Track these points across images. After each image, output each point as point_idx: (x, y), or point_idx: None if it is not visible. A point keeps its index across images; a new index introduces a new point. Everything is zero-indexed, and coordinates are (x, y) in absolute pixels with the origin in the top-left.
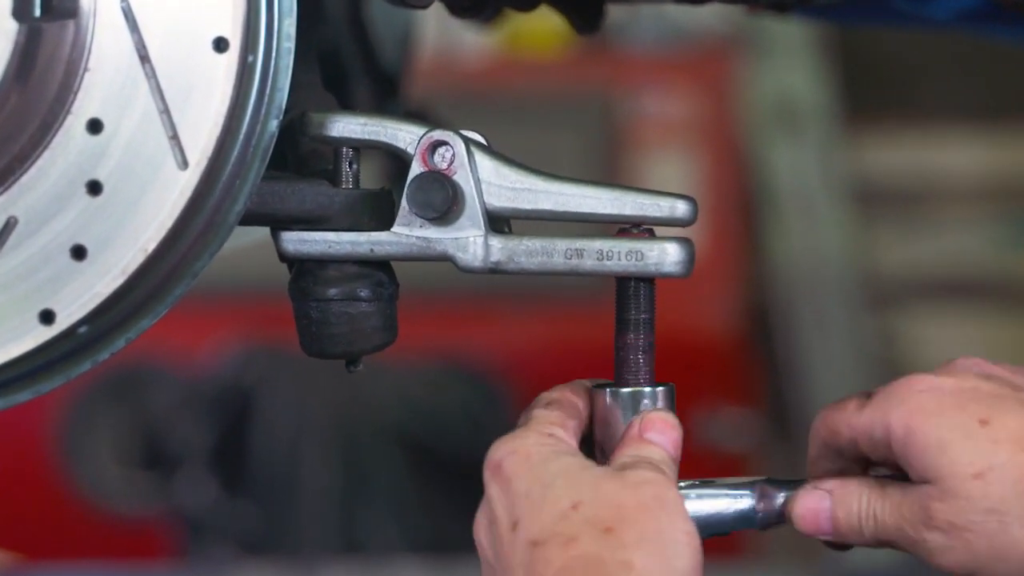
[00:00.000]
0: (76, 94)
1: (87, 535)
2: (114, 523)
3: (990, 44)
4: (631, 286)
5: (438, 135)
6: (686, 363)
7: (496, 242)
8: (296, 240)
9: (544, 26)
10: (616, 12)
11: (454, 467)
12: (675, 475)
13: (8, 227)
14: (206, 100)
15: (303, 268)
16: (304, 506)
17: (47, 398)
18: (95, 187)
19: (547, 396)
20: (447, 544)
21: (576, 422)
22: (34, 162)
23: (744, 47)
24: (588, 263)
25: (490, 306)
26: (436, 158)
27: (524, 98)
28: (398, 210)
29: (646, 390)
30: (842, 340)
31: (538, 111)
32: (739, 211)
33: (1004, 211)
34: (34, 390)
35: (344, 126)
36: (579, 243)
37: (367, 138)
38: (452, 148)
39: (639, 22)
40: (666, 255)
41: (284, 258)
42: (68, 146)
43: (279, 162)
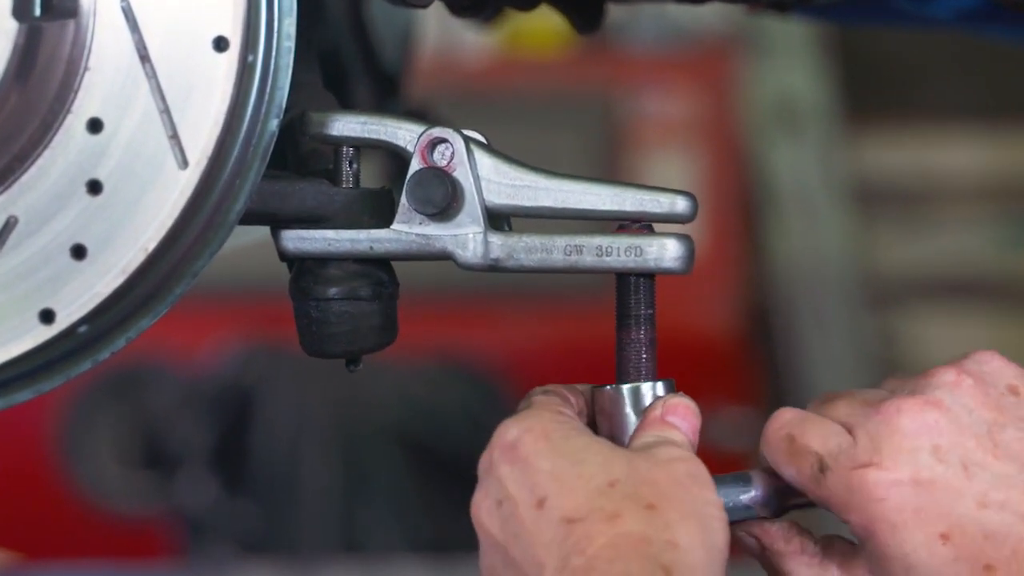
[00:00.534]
0: (76, 93)
1: (87, 534)
2: (114, 522)
3: (990, 44)
4: (631, 282)
5: (437, 132)
6: (686, 362)
7: (495, 239)
8: (296, 238)
9: (544, 25)
10: (616, 11)
11: (454, 466)
12: (693, 453)
13: (8, 226)
14: (206, 99)
15: (303, 267)
16: (304, 505)
17: (47, 397)
18: (95, 186)
19: (540, 388)
20: (447, 543)
21: (573, 410)
22: (34, 161)
23: (744, 47)
24: (587, 259)
25: (490, 305)
26: (436, 155)
27: (524, 98)
28: (398, 208)
29: (647, 385)
30: (842, 340)
31: (538, 111)
32: (739, 211)
33: (1004, 211)
34: (34, 389)
35: (344, 125)
36: (578, 240)
37: (367, 136)
38: (452, 145)
39: (639, 22)
40: (665, 251)
41: (284, 257)
42: (68, 145)
43: (279, 161)
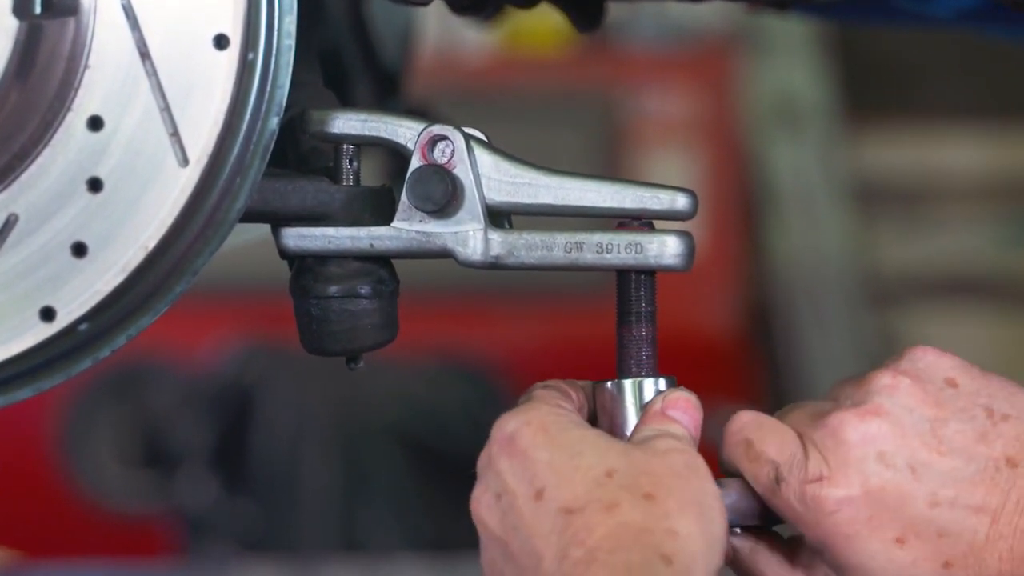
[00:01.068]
0: (77, 91)
1: (88, 533)
2: (114, 521)
3: (991, 43)
4: (631, 279)
5: (438, 130)
6: (686, 361)
7: (496, 236)
8: (296, 236)
9: (545, 24)
10: (617, 10)
11: (454, 465)
12: (694, 448)
13: (8, 224)
14: (207, 98)
15: (303, 265)
16: (304, 504)
17: (47, 396)
18: (96, 184)
19: (541, 383)
20: (447, 542)
21: (572, 405)
22: (34, 159)
23: (744, 45)
24: (588, 256)
25: (489, 304)
26: (436, 152)
27: (525, 96)
28: (398, 206)
29: (648, 381)
30: (842, 338)
31: (539, 109)
32: (739, 209)
33: (1004, 210)
34: (35, 387)
35: (344, 123)
36: (579, 236)
37: (367, 134)
38: (452, 143)
39: (640, 20)
40: (666, 247)
41: (284, 254)
42: (68, 143)
43: (280, 160)
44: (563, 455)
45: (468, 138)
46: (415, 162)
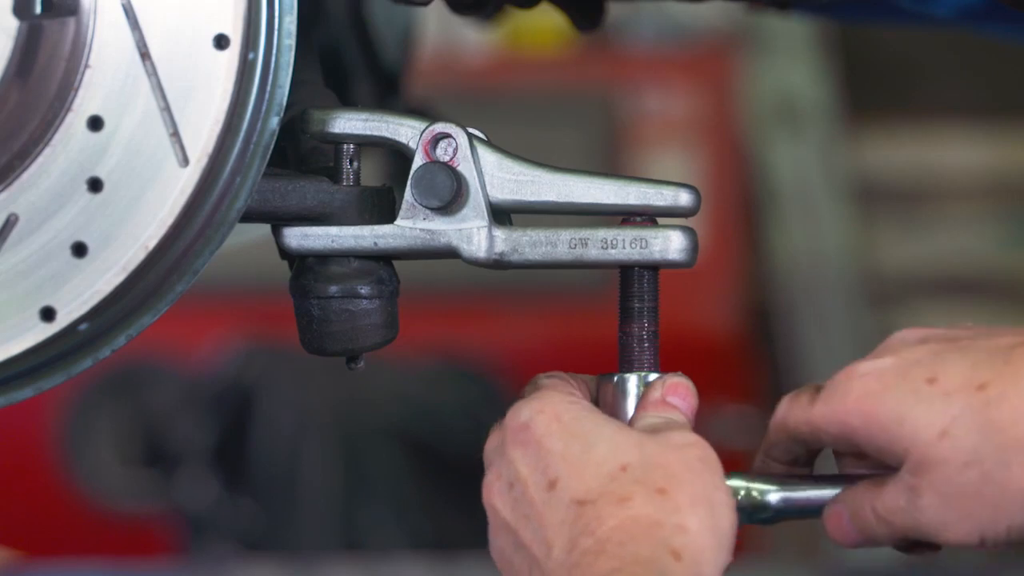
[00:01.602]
0: (77, 91)
1: (88, 533)
2: (115, 521)
3: (991, 42)
4: (635, 275)
5: (441, 128)
6: (687, 360)
7: (500, 233)
8: (299, 235)
9: (545, 23)
10: (617, 9)
11: (454, 465)
12: None
13: (9, 224)
14: (207, 97)
15: (304, 265)
16: (304, 504)
17: (48, 395)
18: (96, 184)
19: (544, 374)
20: (447, 541)
21: (585, 396)
22: (35, 159)
23: (745, 45)
24: (592, 252)
25: (489, 303)
26: (439, 150)
27: (525, 96)
28: (400, 206)
29: (651, 376)
30: (843, 338)
31: (539, 109)
32: (740, 209)
33: (1005, 209)
34: (35, 387)
35: (345, 122)
36: (583, 233)
37: (369, 134)
38: (455, 140)
39: (640, 19)
40: (670, 243)
41: (286, 254)
42: (69, 143)
43: (280, 159)
44: (577, 446)
45: (471, 136)
46: (418, 160)
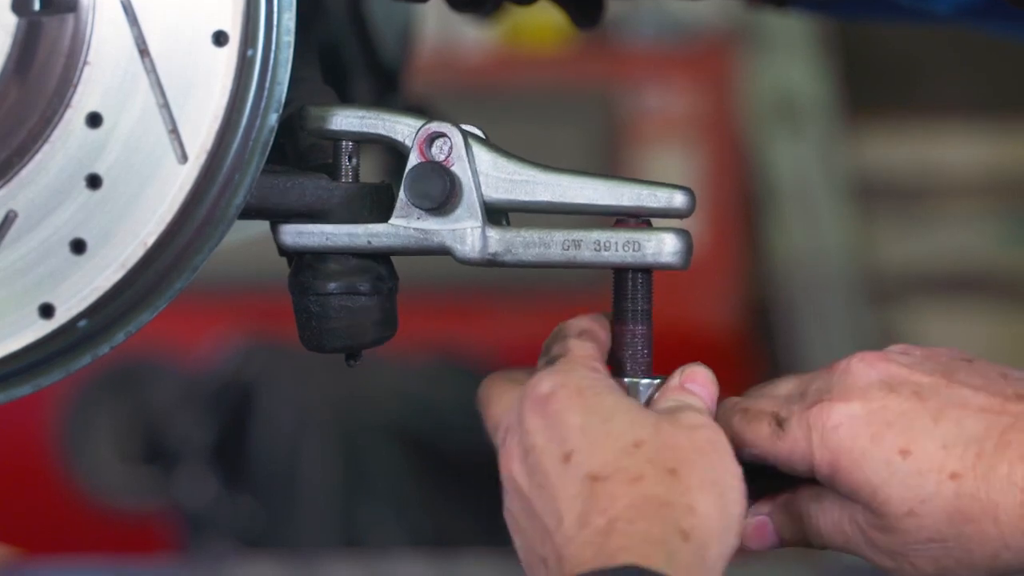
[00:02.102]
0: (76, 88)
1: (87, 530)
2: (114, 518)
3: (990, 39)
4: (628, 277)
5: (436, 127)
6: (686, 358)
7: (494, 233)
8: (294, 232)
9: (544, 21)
10: (616, 7)
11: (454, 462)
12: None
13: (8, 221)
14: (206, 94)
15: (302, 262)
16: (304, 501)
17: (47, 392)
18: (95, 181)
19: (576, 325)
20: (447, 539)
21: (604, 356)
22: (33, 156)
23: (744, 42)
24: (585, 254)
25: (488, 300)
26: (434, 150)
27: (524, 93)
28: (396, 203)
29: (643, 381)
30: (843, 336)
31: (538, 106)
32: (739, 207)
33: (1005, 207)
34: (34, 384)
35: (343, 120)
36: (576, 234)
37: (365, 131)
38: (450, 140)
39: (639, 17)
40: (663, 245)
41: (283, 251)
42: (68, 140)
43: (279, 156)
44: (595, 420)
45: (466, 135)
46: (413, 159)
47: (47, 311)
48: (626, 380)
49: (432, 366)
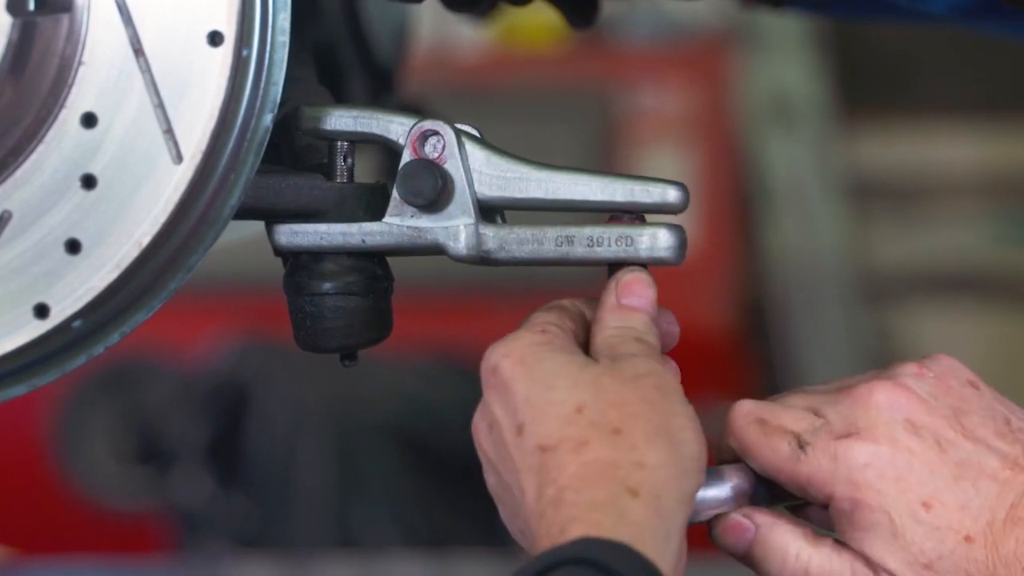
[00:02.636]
0: (70, 88)
1: (82, 530)
2: (109, 518)
3: (985, 39)
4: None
5: (428, 125)
6: (681, 358)
7: (487, 231)
8: (289, 232)
9: (539, 20)
10: (611, 6)
11: (449, 462)
12: (657, 338)
13: (2, 221)
14: (201, 94)
15: (297, 262)
16: (299, 501)
17: (42, 392)
18: (89, 181)
19: (553, 301)
20: (442, 539)
21: (574, 324)
22: (28, 156)
23: (739, 42)
24: (579, 250)
25: (484, 300)
26: (427, 147)
27: (519, 93)
28: (390, 201)
29: None
30: (838, 336)
31: (534, 106)
32: (734, 206)
33: (1000, 206)
34: (29, 384)
35: (337, 119)
36: (569, 230)
37: (360, 130)
38: (443, 138)
39: (634, 16)
40: (657, 240)
41: (278, 251)
42: (62, 140)
43: (274, 156)
44: (538, 389)
45: (459, 133)
46: (406, 157)
47: (42, 311)
48: None
49: (428, 366)
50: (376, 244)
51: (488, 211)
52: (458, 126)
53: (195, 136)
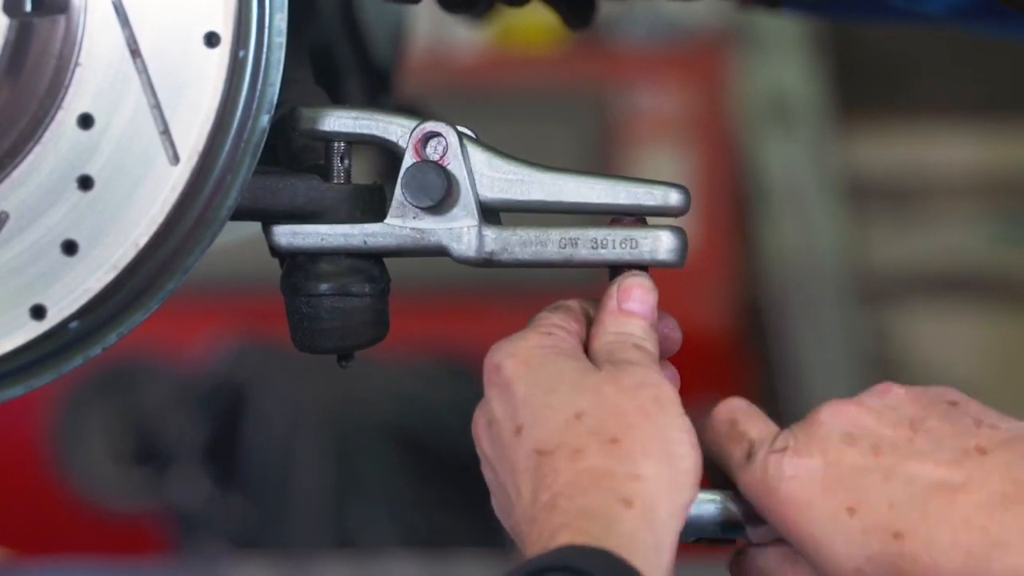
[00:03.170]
0: (67, 89)
1: (79, 531)
2: (106, 519)
3: (983, 40)
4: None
5: (431, 126)
6: (679, 359)
7: (490, 232)
8: (289, 233)
9: (536, 21)
10: (608, 7)
11: (447, 462)
12: (656, 344)
13: None
14: (197, 95)
15: (294, 263)
16: (297, 502)
17: (39, 393)
18: (86, 182)
19: (559, 302)
20: (440, 539)
21: (579, 326)
22: (25, 157)
23: (737, 43)
24: (582, 252)
25: (482, 300)
26: (429, 149)
27: (517, 94)
28: (390, 204)
29: None
30: (835, 337)
31: (531, 107)
32: (731, 206)
33: (997, 207)
34: (26, 385)
35: (335, 120)
36: (573, 232)
37: (358, 132)
38: (445, 139)
39: (632, 17)
40: (660, 243)
41: (276, 252)
42: (59, 141)
43: (271, 157)
44: (538, 392)
45: (461, 135)
46: (408, 159)
47: (39, 312)
48: None
49: (427, 366)
50: (378, 245)
51: (488, 212)
52: (457, 127)
53: (192, 137)
